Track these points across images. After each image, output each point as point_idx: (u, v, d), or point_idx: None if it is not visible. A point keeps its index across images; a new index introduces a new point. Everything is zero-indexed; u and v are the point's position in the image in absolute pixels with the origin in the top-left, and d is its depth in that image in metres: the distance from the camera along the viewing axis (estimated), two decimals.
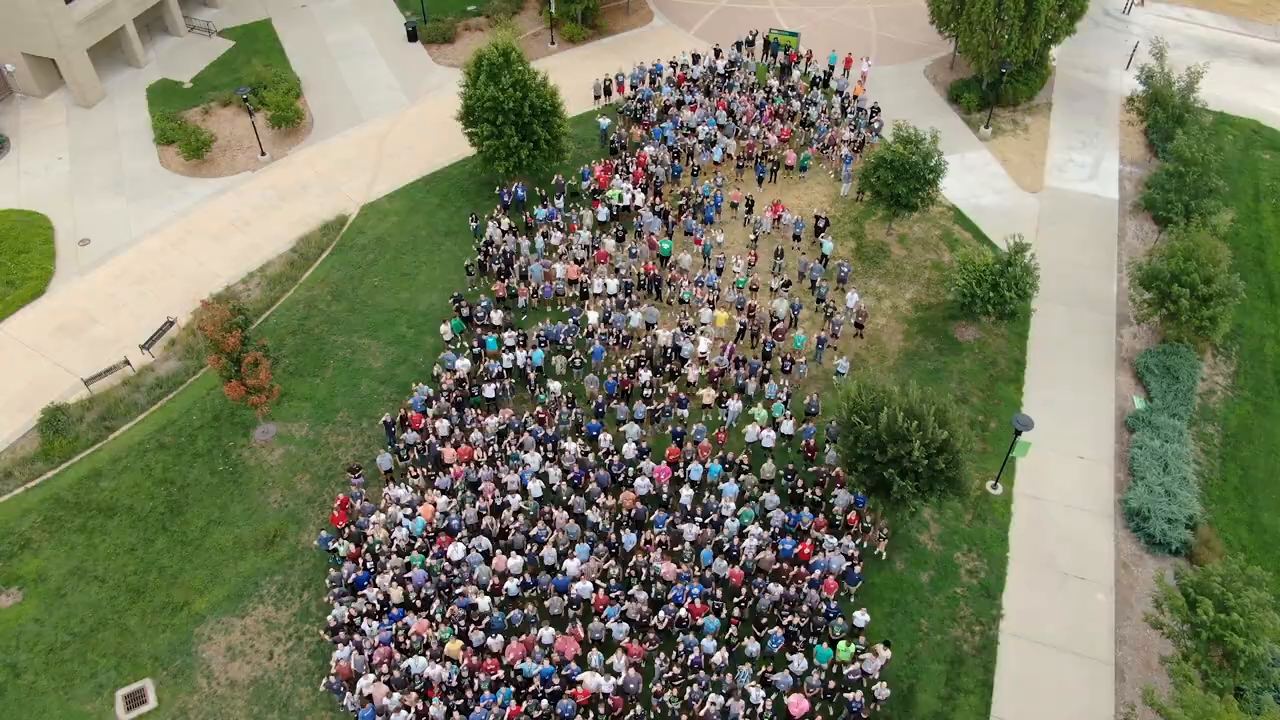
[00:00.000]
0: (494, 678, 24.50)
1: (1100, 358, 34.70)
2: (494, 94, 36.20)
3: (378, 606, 26.19)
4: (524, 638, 25.38)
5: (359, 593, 26.53)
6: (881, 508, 27.24)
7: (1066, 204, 41.04)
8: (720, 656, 24.92)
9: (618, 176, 39.64)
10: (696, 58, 46.36)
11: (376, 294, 36.78)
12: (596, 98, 45.23)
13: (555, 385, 31.83)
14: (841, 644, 25.21)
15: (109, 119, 44.87)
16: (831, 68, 45.95)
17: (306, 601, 27.64)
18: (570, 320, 34.08)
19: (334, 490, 29.89)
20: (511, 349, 32.71)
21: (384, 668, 24.68)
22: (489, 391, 31.56)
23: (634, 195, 38.69)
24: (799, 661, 24.87)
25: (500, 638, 25.39)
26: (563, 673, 24.64)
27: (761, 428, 30.35)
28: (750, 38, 48.01)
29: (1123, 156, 43.58)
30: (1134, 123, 44.47)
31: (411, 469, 29.63)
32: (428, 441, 29.94)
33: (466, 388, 31.77)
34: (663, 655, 25.19)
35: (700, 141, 41.39)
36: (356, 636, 25.58)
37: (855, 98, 44.42)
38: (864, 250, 38.31)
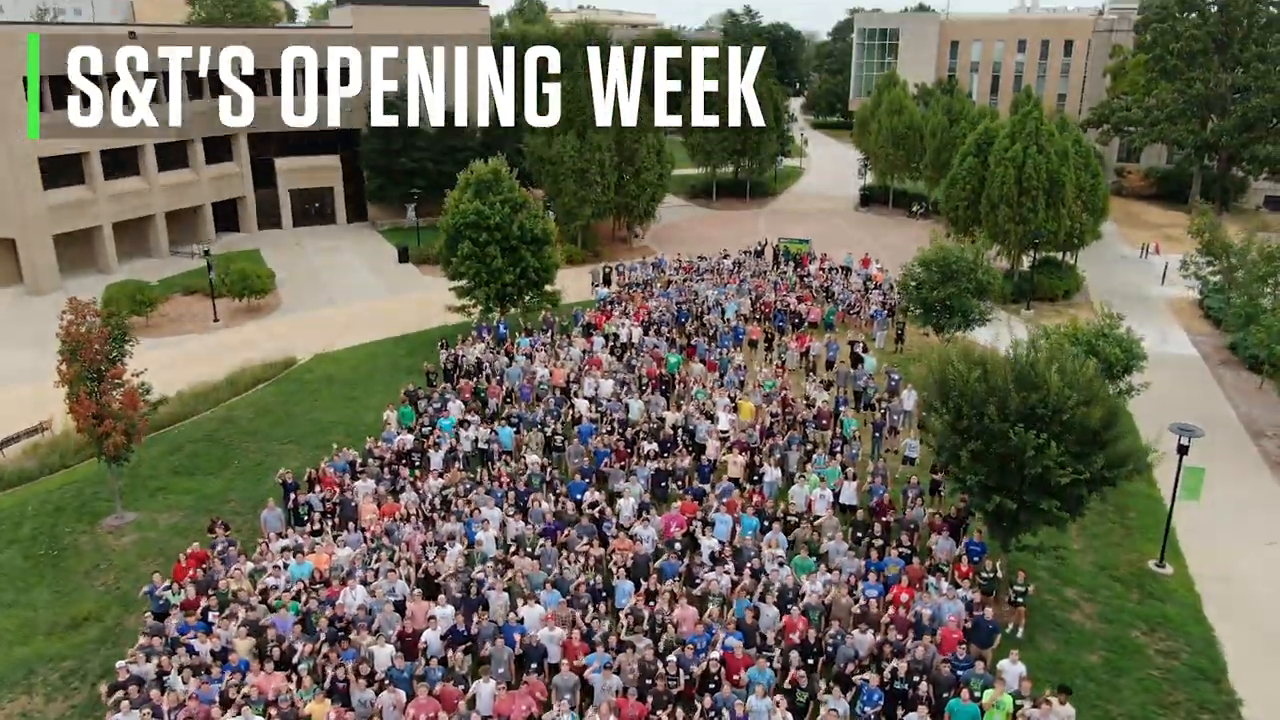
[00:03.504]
0: None
1: (1246, 462, 26.52)
2: (479, 208, 32.21)
3: (209, 660, 15.83)
4: (440, 688, 14.84)
5: (183, 641, 16.22)
6: (1007, 541, 17.91)
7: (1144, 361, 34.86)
8: None
9: (617, 313, 34.23)
10: (703, 259, 43.36)
11: (314, 411, 29.51)
12: (595, 285, 41.31)
13: (531, 458, 23.44)
14: (988, 693, 14.53)
15: (56, 301, 40.47)
16: (848, 267, 42.80)
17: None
18: (550, 400, 26.40)
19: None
20: (469, 424, 24.86)
21: None
22: (436, 460, 23.17)
23: (633, 332, 32.93)
24: None
25: (401, 694, 14.85)
26: None
27: (812, 492, 21.52)
28: (759, 247, 45.54)
29: (1188, 329, 38.48)
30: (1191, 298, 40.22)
31: (311, 521, 20.45)
32: (341, 499, 21.04)
33: (405, 457, 23.41)
34: (680, 713, 14.42)
35: (711, 305, 36.50)
36: (155, 695, 14.90)
37: (878, 285, 40.52)
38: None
